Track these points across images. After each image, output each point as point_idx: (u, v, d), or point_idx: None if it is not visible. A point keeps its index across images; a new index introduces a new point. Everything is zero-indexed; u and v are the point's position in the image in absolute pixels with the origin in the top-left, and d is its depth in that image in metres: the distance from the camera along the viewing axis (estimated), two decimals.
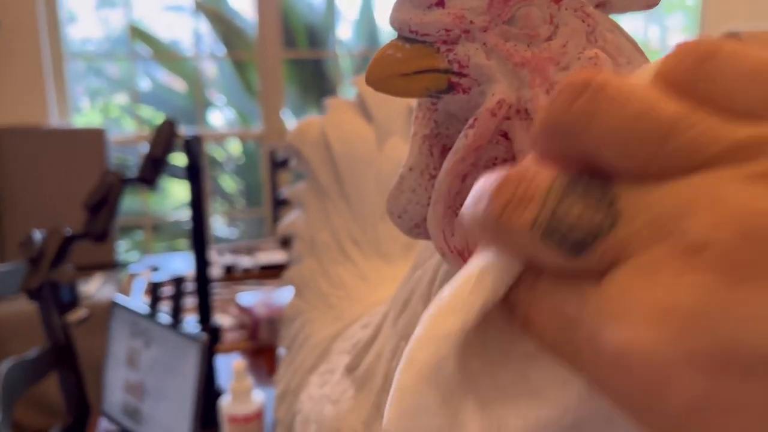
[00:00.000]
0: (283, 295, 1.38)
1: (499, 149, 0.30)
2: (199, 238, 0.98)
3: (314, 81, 3.72)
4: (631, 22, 3.29)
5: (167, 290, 0.96)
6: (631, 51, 0.29)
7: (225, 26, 3.55)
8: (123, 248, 3.43)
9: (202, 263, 0.98)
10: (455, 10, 0.28)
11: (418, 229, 0.32)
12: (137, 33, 3.33)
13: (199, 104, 3.30)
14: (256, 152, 3.65)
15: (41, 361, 1.19)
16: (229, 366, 1.15)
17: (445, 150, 0.32)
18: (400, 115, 0.67)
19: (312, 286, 0.61)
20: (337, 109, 0.66)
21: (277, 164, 2.27)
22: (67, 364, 1.25)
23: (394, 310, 0.40)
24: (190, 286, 1.07)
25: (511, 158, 0.29)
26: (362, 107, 0.67)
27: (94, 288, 2.25)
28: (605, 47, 0.28)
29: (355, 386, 0.40)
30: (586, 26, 0.28)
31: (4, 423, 1.01)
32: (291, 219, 0.68)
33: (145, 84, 3.72)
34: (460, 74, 0.28)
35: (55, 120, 2.69)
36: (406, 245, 0.61)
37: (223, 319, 1.33)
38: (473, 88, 0.29)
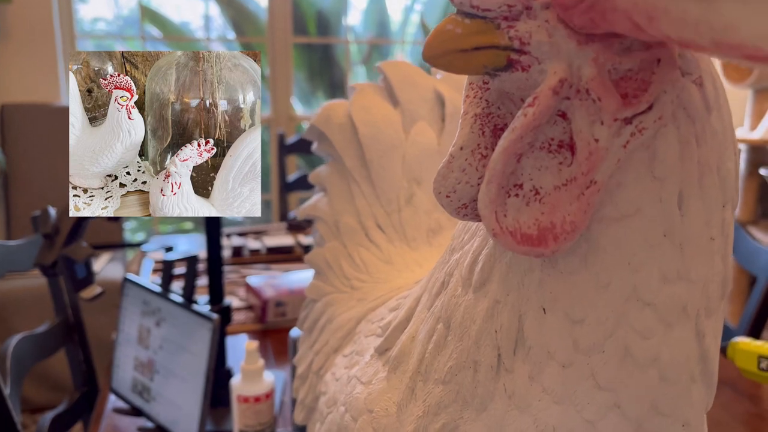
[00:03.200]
0: (291, 277, 1.37)
1: (557, 129, 0.29)
2: (212, 217, 0.98)
3: (323, 67, 3.70)
4: None
5: (179, 269, 0.96)
6: None
7: (235, 10, 3.53)
8: (129, 229, 3.42)
9: (215, 243, 0.98)
10: None
11: (465, 210, 0.32)
12: (148, 14, 3.32)
13: None
14: (264, 137, 3.63)
15: (50, 336, 1.19)
16: (237, 347, 1.15)
17: (496, 129, 0.31)
18: (426, 100, 0.66)
19: (335, 269, 0.60)
20: (363, 92, 0.66)
21: (285, 149, 2.26)
22: (75, 340, 1.25)
23: (428, 293, 0.40)
24: (201, 266, 1.07)
25: (568, 139, 0.29)
26: (389, 91, 0.66)
27: (99, 267, 2.25)
28: None
29: (388, 368, 0.40)
30: None
31: (13, 396, 1.02)
32: (313, 201, 0.67)
33: None
34: (521, 51, 0.28)
35: (65, 99, 2.68)
36: (430, 231, 0.61)
37: (230, 301, 1.32)
38: (533, 66, 0.28)
